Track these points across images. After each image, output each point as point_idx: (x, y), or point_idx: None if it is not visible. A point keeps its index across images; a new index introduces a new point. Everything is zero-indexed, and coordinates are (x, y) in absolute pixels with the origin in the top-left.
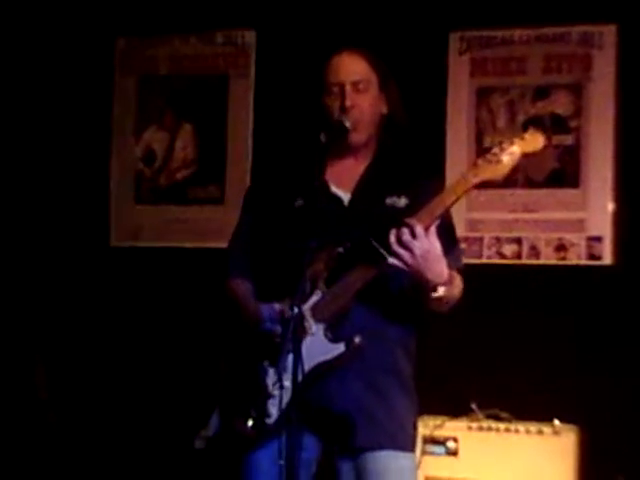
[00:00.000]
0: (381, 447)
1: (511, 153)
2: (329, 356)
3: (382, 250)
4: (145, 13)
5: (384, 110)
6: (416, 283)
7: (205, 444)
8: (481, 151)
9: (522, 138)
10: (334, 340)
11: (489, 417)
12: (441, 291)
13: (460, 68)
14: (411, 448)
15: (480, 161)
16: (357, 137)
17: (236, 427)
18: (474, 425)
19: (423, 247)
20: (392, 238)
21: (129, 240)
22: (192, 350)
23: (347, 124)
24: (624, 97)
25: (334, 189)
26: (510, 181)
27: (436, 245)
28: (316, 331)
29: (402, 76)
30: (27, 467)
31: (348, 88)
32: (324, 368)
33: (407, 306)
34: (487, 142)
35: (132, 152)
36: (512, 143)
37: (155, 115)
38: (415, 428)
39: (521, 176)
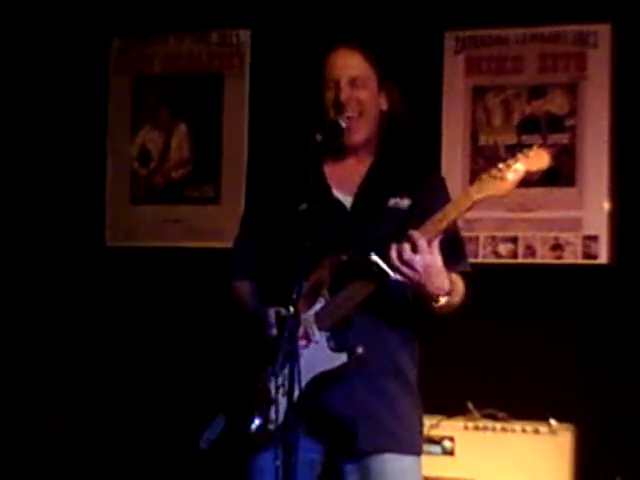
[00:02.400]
0: (385, 450)
1: (515, 170)
2: (331, 366)
3: (384, 266)
4: (140, 12)
5: (384, 107)
6: (418, 294)
7: (209, 445)
8: (476, 150)
9: (527, 156)
10: (337, 349)
11: (485, 416)
12: (442, 301)
13: (455, 67)
14: (417, 451)
15: (484, 176)
16: (356, 137)
17: (241, 430)
18: (470, 424)
19: (425, 262)
20: (393, 254)
21: (124, 240)
22: (189, 349)
23: (342, 124)
24: (619, 96)
25: (336, 193)
26: None
27: (437, 259)
28: (319, 339)
29: (397, 75)
30: (25, 468)
31: (344, 83)
32: (326, 377)
33: (409, 312)
34: (482, 141)
35: (127, 151)
36: (517, 160)
37: (150, 114)
38: (421, 431)
39: None
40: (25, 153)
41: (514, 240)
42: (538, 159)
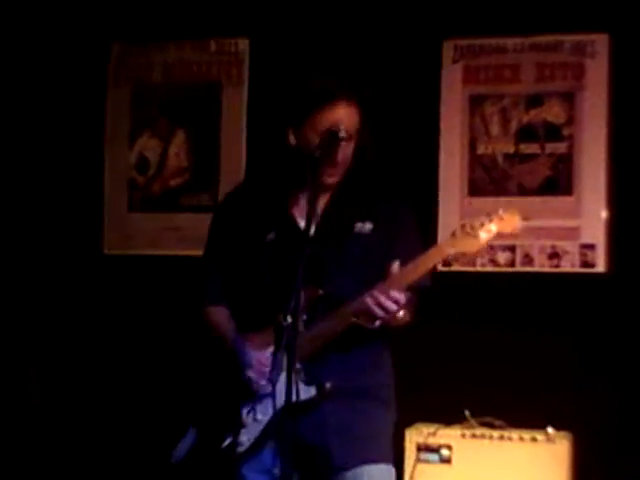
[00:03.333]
0: (360, 462)
1: (488, 231)
2: (300, 398)
3: (368, 325)
4: (139, 21)
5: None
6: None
7: (180, 459)
8: (475, 158)
9: (501, 218)
10: (307, 382)
11: (483, 425)
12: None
13: (453, 76)
14: (389, 459)
15: (458, 232)
16: (333, 180)
17: (213, 446)
18: (468, 433)
19: (396, 307)
20: (370, 302)
21: (122, 248)
22: (185, 357)
23: (342, 134)
24: (616, 105)
25: (300, 222)
26: (503, 189)
27: (404, 302)
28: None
29: (396, 84)
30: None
31: (343, 142)
32: (294, 407)
33: (372, 333)
34: (481, 150)
35: (125, 160)
36: (491, 221)
37: (148, 122)
38: (391, 439)
39: (514, 184)
40: (24, 160)
41: (512, 249)
42: (510, 222)
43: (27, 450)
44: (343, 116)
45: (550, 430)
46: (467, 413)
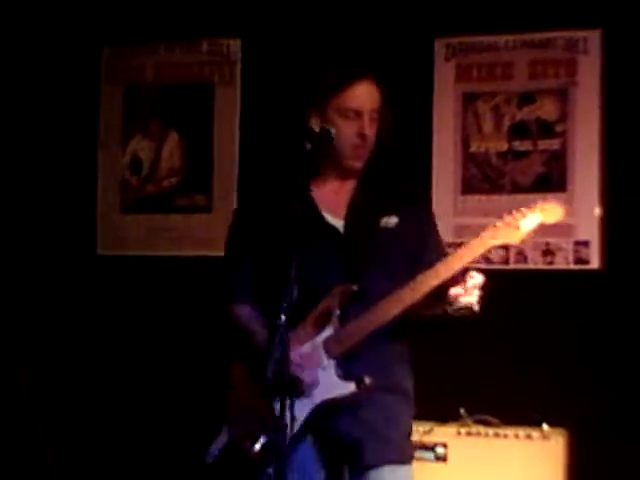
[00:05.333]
0: (388, 462)
1: (530, 221)
2: (338, 394)
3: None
4: (131, 22)
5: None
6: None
7: (214, 460)
8: (468, 156)
9: (543, 209)
10: (344, 378)
11: (478, 422)
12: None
13: (446, 74)
14: (409, 459)
15: (500, 224)
16: (359, 164)
17: (243, 449)
18: (463, 430)
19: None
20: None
21: (116, 249)
22: (180, 358)
23: (332, 132)
24: (609, 101)
25: (328, 218)
26: (497, 186)
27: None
28: (327, 367)
29: (388, 82)
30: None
31: (367, 117)
32: (333, 403)
33: (403, 327)
34: (474, 147)
35: (118, 161)
36: (533, 211)
37: (141, 124)
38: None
39: (508, 181)
40: (16, 162)
41: (505, 246)
42: (553, 212)
43: (18, 453)
44: (364, 94)
45: (545, 427)
46: (462, 411)
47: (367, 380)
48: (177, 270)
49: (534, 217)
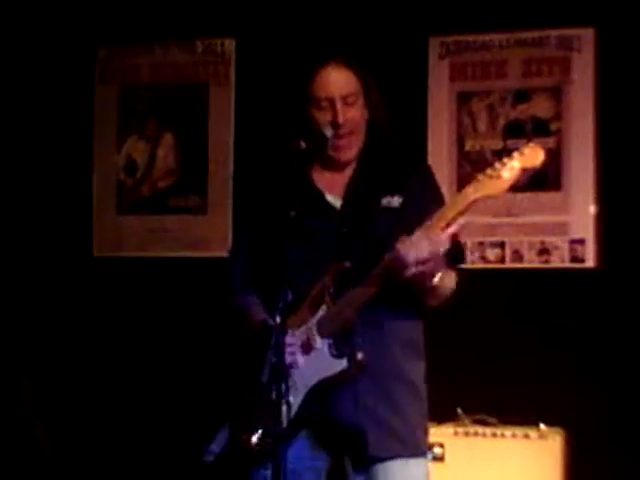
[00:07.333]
0: (395, 455)
1: (511, 168)
2: (331, 372)
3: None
4: (125, 22)
5: (366, 116)
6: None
7: (214, 458)
8: (462, 155)
9: (522, 153)
10: (338, 356)
11: (475, 422)
12: (436, 280)
13: (440, 72)
14: (424, 452)
15: (480, 176)
16: (349, 154)
17: (242, 442)
18: (460, 430)
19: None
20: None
21: (111, 250)
22: (176, 358)
23: (327, 133)
24: (604, 99)
25: (328, 197)
26: None
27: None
28: (321, 347)
29: (382, 81)
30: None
31: (339, 103)
32: (328, 384)
33: (408, 302)
34: (468, 146)
35: (113, 162)
36: (512, 158)
37: (136, 124)
38: (426, 432)
39: None
40: (11, 163)
41: (501, 245)
42: (533, 155)
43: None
44: (331, 80)
45: (542, 427)
46: (459, 411)
47: (359, 355)
48: (173, 271)
49: (515, 164)
